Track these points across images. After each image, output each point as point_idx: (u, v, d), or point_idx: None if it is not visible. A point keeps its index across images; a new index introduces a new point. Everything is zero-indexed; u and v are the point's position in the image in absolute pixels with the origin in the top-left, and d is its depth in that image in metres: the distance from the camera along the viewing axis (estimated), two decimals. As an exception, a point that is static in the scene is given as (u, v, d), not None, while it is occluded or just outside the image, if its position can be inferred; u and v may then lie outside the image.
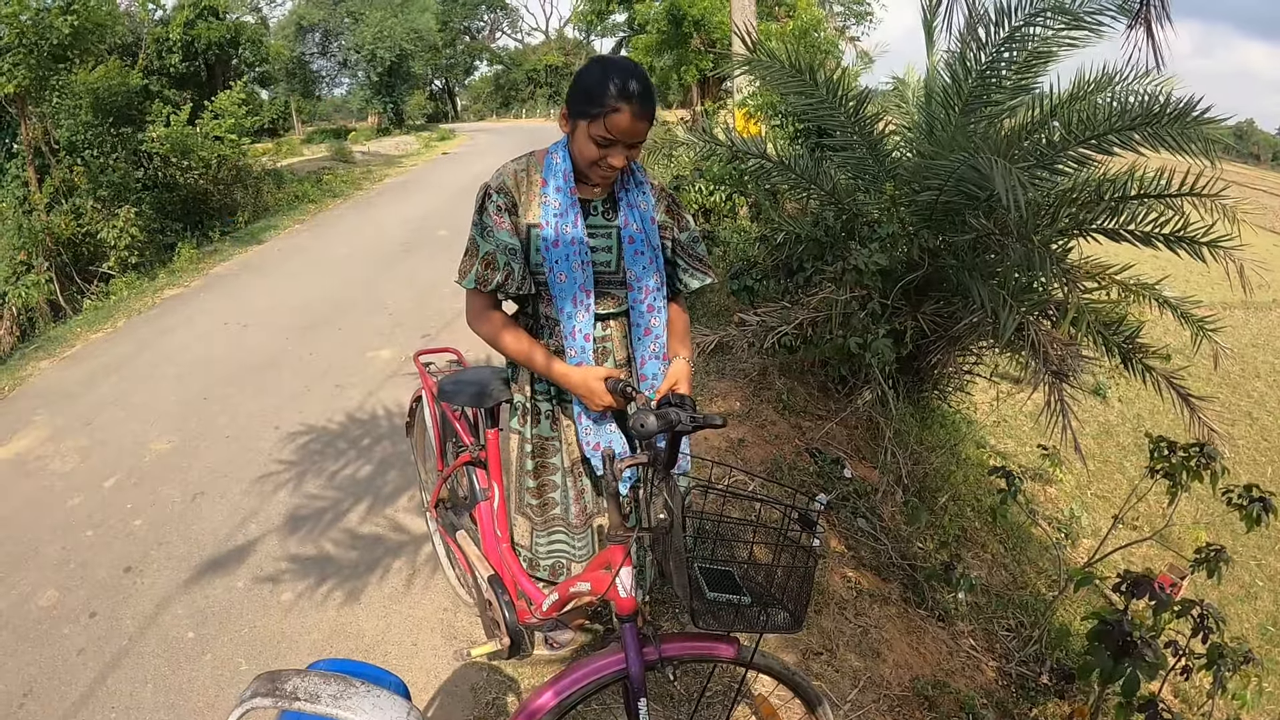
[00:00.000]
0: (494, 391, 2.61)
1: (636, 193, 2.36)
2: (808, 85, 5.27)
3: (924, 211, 4.83)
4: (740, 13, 12.09)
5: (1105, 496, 7.19)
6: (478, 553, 2.67)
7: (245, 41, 20.24)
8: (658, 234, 2.38)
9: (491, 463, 2.68)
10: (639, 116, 2.11)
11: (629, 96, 2.08)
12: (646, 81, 2.14)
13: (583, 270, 2.28)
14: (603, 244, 2.34)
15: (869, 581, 3.90)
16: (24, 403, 6.84)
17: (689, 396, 2.00)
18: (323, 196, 17.12)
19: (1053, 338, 4.64)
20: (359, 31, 36.24)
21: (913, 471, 4.84)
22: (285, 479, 4.86)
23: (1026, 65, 4.92)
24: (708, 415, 1.90)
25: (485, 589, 2.56)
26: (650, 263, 2.35)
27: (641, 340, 2.41)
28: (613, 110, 2.09)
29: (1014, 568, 5.01)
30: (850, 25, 25.29)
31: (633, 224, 2.33)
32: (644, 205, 2.35)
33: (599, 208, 2.35)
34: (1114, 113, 4.17)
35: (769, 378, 5.53)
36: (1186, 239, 4.32)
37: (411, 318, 7.80)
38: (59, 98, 11.11)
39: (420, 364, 3.41)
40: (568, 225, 2.27)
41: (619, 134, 2.12)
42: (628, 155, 2.20)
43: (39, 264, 10.79)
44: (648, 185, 2.39)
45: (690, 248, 2.47)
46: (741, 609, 1.90)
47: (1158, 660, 2.70)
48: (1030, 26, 4.76)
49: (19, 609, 3.92)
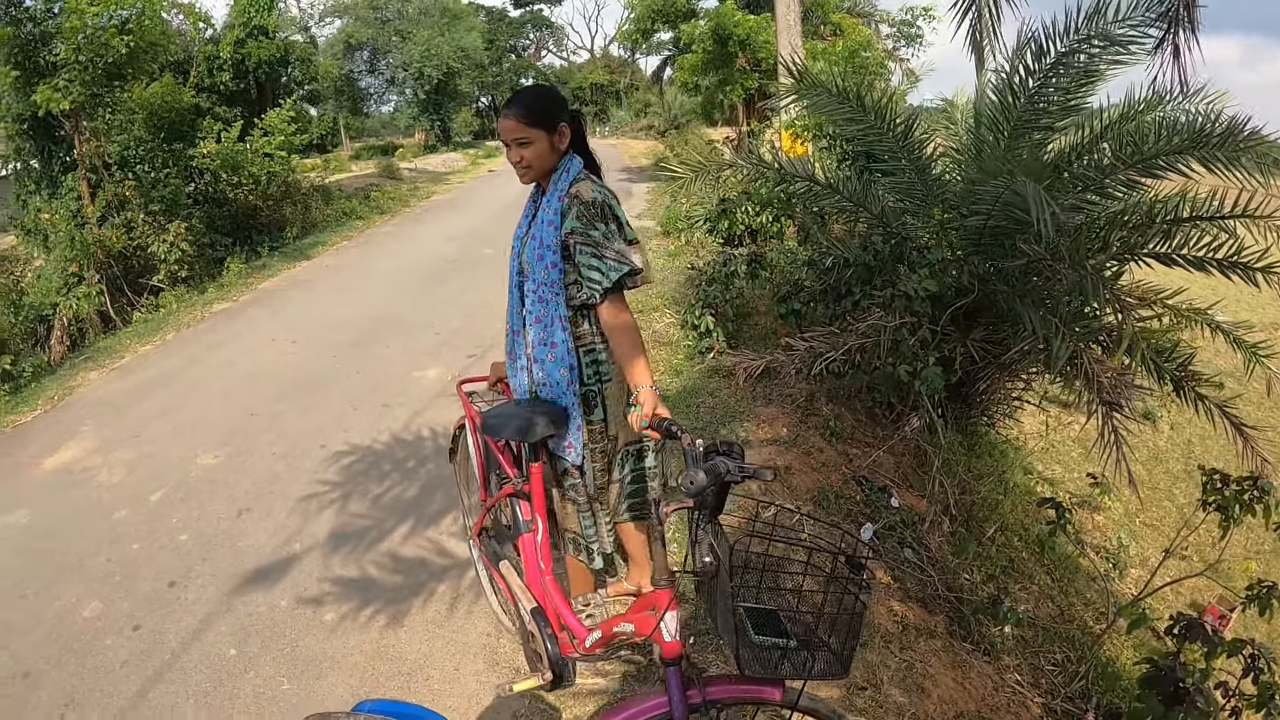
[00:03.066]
0: (538, 427, 2.63)
1: (547, 199, 2.76)
2: (856, 110, 5.23)
3: (973, 236, 4.76)
4: (786, 33, 12.04)
5: (1154, 525, 7.03)
6: (520, 584, 2.64)
7: (294, 60, 20.56)
8: (554, 235, 2.71)
9: (535, 495, 2.69)
10: (505, 116, 2.67)
11: (505, 105, 2.71)
12: (521, 93, 2.74)
13: (515, 258, 2.90)
14: (523, 236, 2.88)
15: (915, 614, 3.82)
16: (72, 412, 6.95)
17: (737, 444, 2.00)
18: (370, 213, 17.33)
19: (1105, 366, 4.55)
20: (407, 50, 36.68)
21: (960, 500, 4.76)
22: (330, 498, 4.88)
23: (1074, 87, 4.84)
24: (758, 469, 1.91)
25: (529, 621, 2.54)
26: (540, 259, 2.73)
27: (531, 327, 2.84)
28: (499, 119, 2.74)
29: (1061, 599, 4.90)
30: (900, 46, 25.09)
31: (538, 225, 2.76)
32: (549, 210, 2.73)
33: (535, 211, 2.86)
34: (1163, 135, 4.09)
35: (816, 403, 5.46)
36: (1241, 264, 4.22)
37: (459, 337, 7.83)
38: (112, 114, 11.33)
39: (463, 393, 3.37)
40: (518, 227, 2.94)
41: (501, 134, 2.71)
42: (520, 154, 2.69)
43: (90, 276, 10.97)
44: (556, 197, 2.73)
45: (599, 243, 2.68)
46: (787, 652, 1.87)
47: (1209, 708, 2.63)
48: (1079, 53, 4.68)
49: (63, 619, 3.96)
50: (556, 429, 2.72)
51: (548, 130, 2.67)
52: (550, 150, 2.71)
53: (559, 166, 2.76)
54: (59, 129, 11.33)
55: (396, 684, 3.33)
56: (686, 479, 1.84)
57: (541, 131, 2.66)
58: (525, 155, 2.69)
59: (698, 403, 5.67)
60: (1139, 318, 4.59)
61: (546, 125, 2.67)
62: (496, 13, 54.64)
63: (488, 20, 50.14)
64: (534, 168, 2.73)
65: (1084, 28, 4.54)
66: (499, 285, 3.02)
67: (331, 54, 36.96)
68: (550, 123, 2.68)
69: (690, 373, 6.30)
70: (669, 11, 21.91)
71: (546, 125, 2.67)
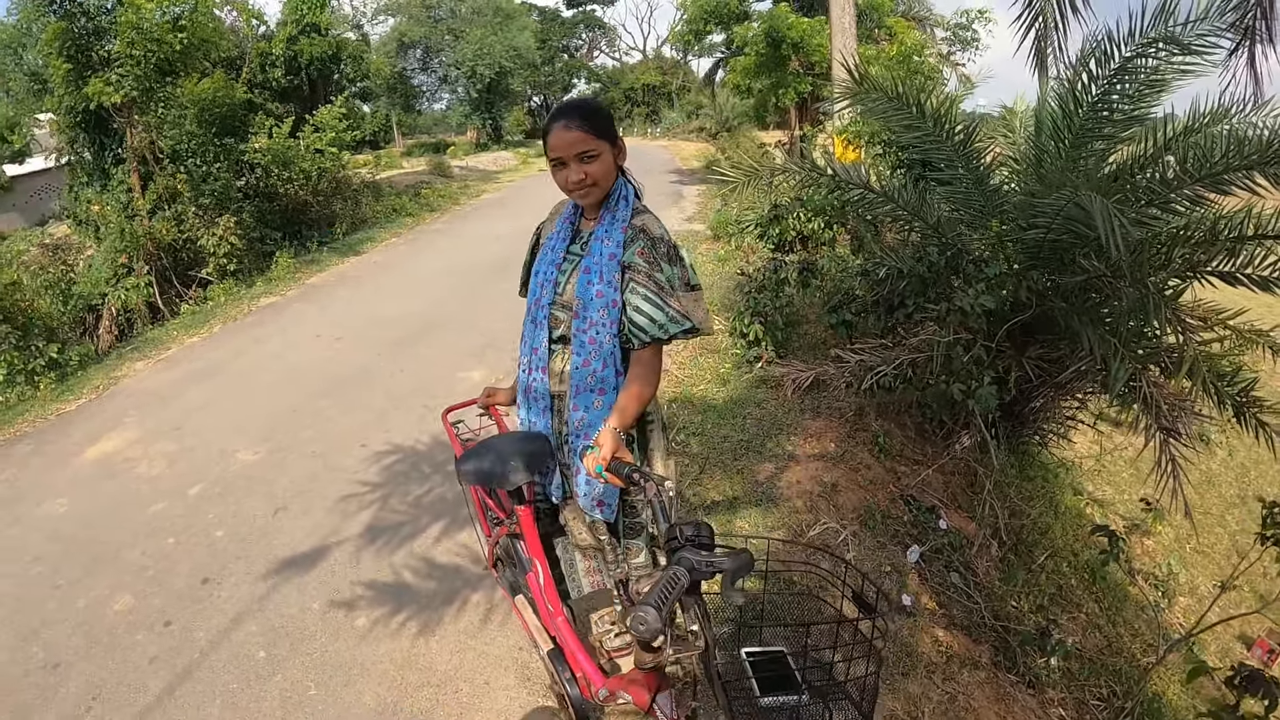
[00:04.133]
0: (510, 472, 2.34)
1: (607, 229, 2.42)
2: (913, 116, 5.09)
3: (1032, 250, 4.60)
4: (840, 37, 11.88)
5: (1204, 552, 6.78)
6: (536, 622, 2.51)
7: (346, 58, 20.65)
8: (616, 270, 2.38)
9: (528, 538, 2.45)
10: (565, 127, 2.29)
11: (557, 116, 2.33)
12: (578, 103, 2.38)
13: (540, 287, 2.51)
14: (566, 270, 2.48)
15: (959, 643, 3.68)
16: (117, 402, 7.02)
17: (705, 525, 1.70)
18: (420, 210, 17.40)
19: (1164, 390, 4.37)
20: (459, 49, 36.83)
21: (1009, 524, 4.60)
22: (368, 500, 4.83)
23: (1138, 96, 4.67)
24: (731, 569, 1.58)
25: (547, 662, 2.43)
26: (599, 296, 2.38)
27: (579, 370, 2.44)
28: (548, 133, 2.34)
29: (1109, 629, 4.73)
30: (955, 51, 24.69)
31: (593, 256, 2.41)
32: (609, 242, 2.40)
33: (584, 238, 2.50)
34: (1231, 149, 3.91)
35: (865, 418, 5.31)
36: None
37: (503, 338, 7.71)
38: (164, 108, 11.45)
39: (448, 424, 3.07)
40: (549, 249, 2.54)
41: (557, 150, 2.32)
42: (584, 170, 2.32)
43: (139, 267, 11.10)
44: (622, 225, 2.41)
45: (663, 289, 2.36)
46: (800, 711, 1.74)
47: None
48: (1143, 58, 4.51)
49: (95, 612, 3.98)
50: (534, 473, 2.40)
51: (612, 143, 2.36)
52: (614, 167, 2.39)
53: (614, 190, 2.43)
54: (111, 122, 11.48)
55: (425, 695, 3.26)
56: (636, 620, 1.48)
57: (607, 144, 2.34)
58: (591, 172, 2.32)
59: (744, 413, 5.54)
60: (1201, 341, 4.40)
61: (611, 137, 2.36)
62: (549, 13, 54.83)
63: (540, 20, 50.31)
64: (600, 185, 2.36)
65: (1150, 30, 4.38)
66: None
67: (385, 52, 37.23)
68: (614, 135, 2.37)
69: (737, 382, 6.17)
70: (722, 13, 21.78)
71: (611, 137, 2.36)
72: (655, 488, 1.81)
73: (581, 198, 2.40)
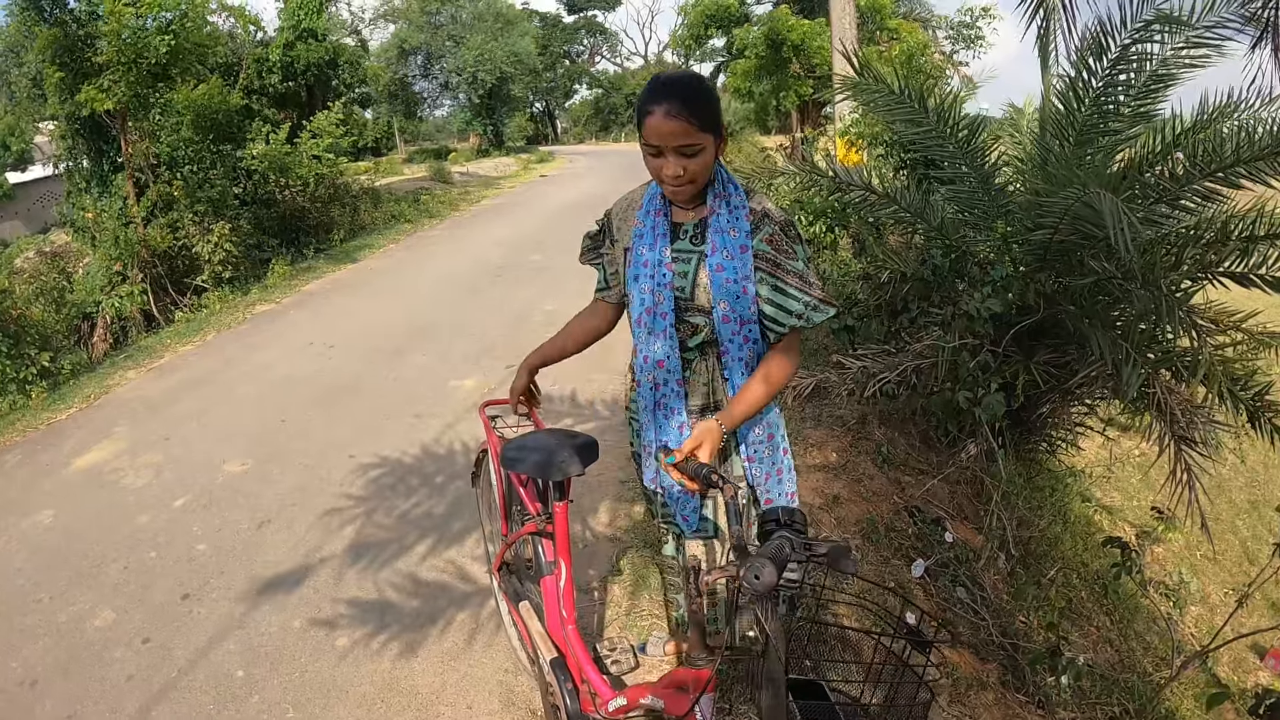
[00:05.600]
0: (562, 463, 2.28)
1: (728, 218, 2.17)
2: (916, 112, 4.96)
3: (1038, 251, 4.46)
4: (841, 34, 11.77)
5: (1215, 559, 6.65)
6: (541, 629, 2.40)
7: (344, 63, 20.68)
8: (749, 261, 2.16)
9: (559, 537, 2.36)
10: (668, 115, 1.97)
11: (657, 97, 2.00)
12: (684, 85, 2.04)
13: (654, 293, 2.22)
14: (681, 269, 2.22)
15: (967, 662, 3.54)
16: (107, 412, 6.92)
17: (799, 512, 1.66)
18: (419, 216, 17.33)
19: (1177, 395, 4.23)
20: (460, 54, 36.88)
21: (1018, 535, 4.46)
22: (354, 514, 4.70)
23: (1145, 90, 4.54)
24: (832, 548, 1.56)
25: (548, 671, 2.30)
26: (744, 294, 2.16)
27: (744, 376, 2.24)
28: (645, 114, 2.02)
29: (1120, 643, 4.60)
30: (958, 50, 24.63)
31: (721, 250, 2.16)
32: (735, 232, 2.16)
33: (689, 231, 2.23)
34: (1242, 143, 3.78)
35: (868, 427, 5.17)
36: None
37: (500, 346, 7.61)
38: (160, 114, 11.38)
39: (485, 416, 3.05)
40: (645, 248, 2.25)
41: (654, 138, 2.02)
42: (684, 165, 2.05)
43: (134, 275, 11.03)
44: (744, 211, 2.18)
45: (803, 274, 2.17)
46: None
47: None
48: (1143, 44, 4.38)
49: (74, 627, 3.87)
50: (586, 466, 2.31)
51: (716, 136, 2.08)
52: (713, 161, 2.13)
53: (714, 175, 2.19)
54: (109, 129, 11.42)
55: (406, 719, 3.12)
56: (751, 571, 1.48)
57: (711, 137, 2.05)
58: (691, 167, 2.06)
59: (744, 423, 5.38)
60: (1215, 344, 4.26)
61: (716, 129, 2.07)
62: (550, 18, 55.04)
63: (541, 26, 50.49)
64: (697, 182, 2.12)
65: (1140, 13, 4.25)
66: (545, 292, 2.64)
67: (385, 58, 37.31)
68: (720, 126, 2.09)
69: (736, 390, 6.03)
70: (722, 16, 21.80)
71: (716, 129, 2.07)
72: (734, 490, 1.78)
73: (674, 193, 2.17)
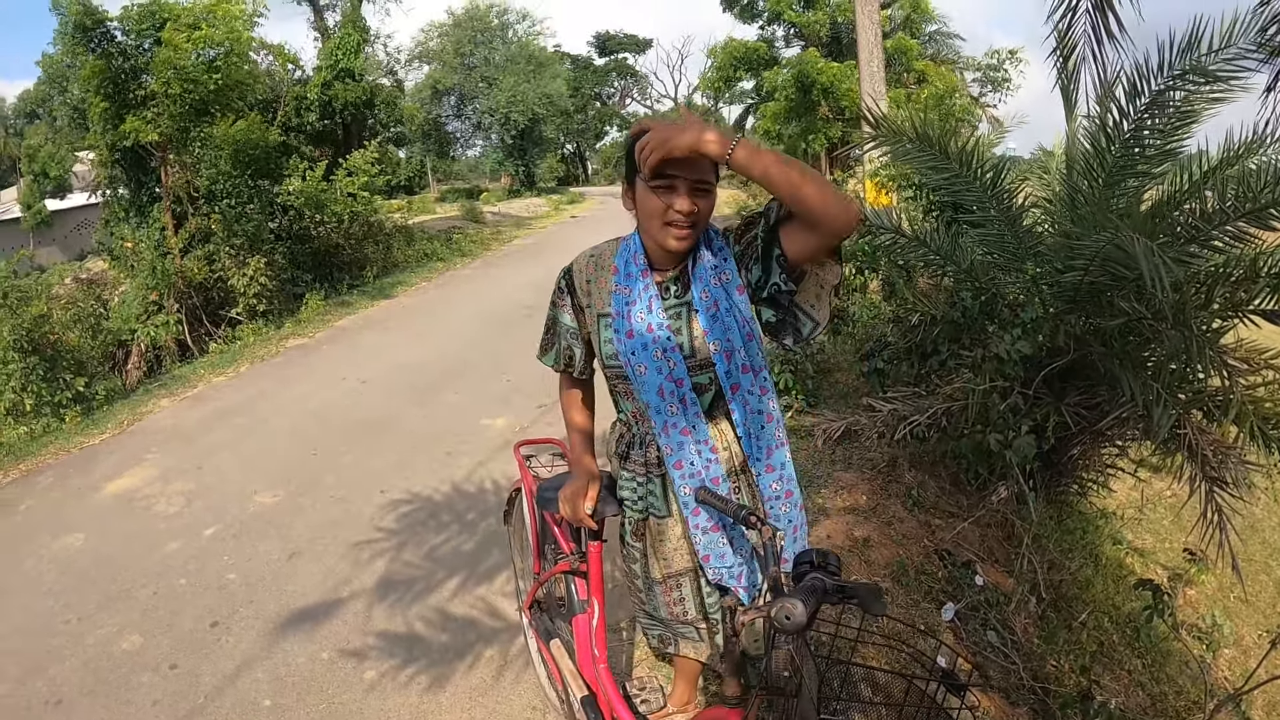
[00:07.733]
0: (603, 502, 2.24)
1: (710, 261, 2.00)
2: (939, 158, 4.98)
3: (1068, 293, 4.44)
4: (869, 81, 11.82)
5: (1249, 601, 6.51)
6: (572, 668, 2.40)
7: (380, 103, 20.98)
8: (747, 304, 2.00)
9: (593, 576, 2.34)
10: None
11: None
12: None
13: (665, 358, 2.01)
14: (675, 325, 2.03)
15: (997, 707, 3.49)
16: (140, 439, 7.02)
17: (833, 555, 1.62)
18: (452, 255, 17.50)
19: (1209, 437, 4.18)
20: (493, 96, 37.29)
21: (1049, 578, 4.40)
22: (384, 547, 4.72)
23: (1171, 129, 4.52)
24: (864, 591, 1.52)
25: (578, 709, 2.30)
26: (749, 339, 2.01)
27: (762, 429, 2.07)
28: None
29: (1152, 687, 4.51)
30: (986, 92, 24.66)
31: (710, 296, 1.99)
32: (727, 276, 1.99)
33: (670, 289, 2.05)
34: (1272, 181, 3.76)
35: (898, 470, 5.13)
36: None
37: (530, 385, 7.61)
38: (200, 148, 11.60)
39: (520, 456, 3.08)
40: (641, 312, 2.02)
41: (674, 166, 1.82)
42: (698, 205, 1.89)
43: (170, 304, 11.23)
44: (726, 252, 2.01)
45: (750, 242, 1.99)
46: None
47: None
48: (1175, 90, 4.38)
49: (102, 650, 3.91)
50: (621, 507, 2.26)
51: (716, 182, 1.96)
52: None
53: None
54: (149, 160, 11.66)
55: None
56: (782, 611, 1.45)
57: (713, 182, 1.94)
58: (704, 207, 1.92)
59: (774, 466, 5.36)
60: (1246, 384, 4.22)
61: (717, 177, 1.95)
62: (582, 60, 55.56)
63: (573, 68, 50.97)
64: (698, 228, 1.95)
65: (1178, 63, 4.25)
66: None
67: (419, 98, 37.78)
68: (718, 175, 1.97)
69: (767, 433, 6.02)
70: (751, 59, 21.96)
71: (717, 177, 1.95)
72: (772, 531, 1.71)
73: (682, 241, 1.94)
